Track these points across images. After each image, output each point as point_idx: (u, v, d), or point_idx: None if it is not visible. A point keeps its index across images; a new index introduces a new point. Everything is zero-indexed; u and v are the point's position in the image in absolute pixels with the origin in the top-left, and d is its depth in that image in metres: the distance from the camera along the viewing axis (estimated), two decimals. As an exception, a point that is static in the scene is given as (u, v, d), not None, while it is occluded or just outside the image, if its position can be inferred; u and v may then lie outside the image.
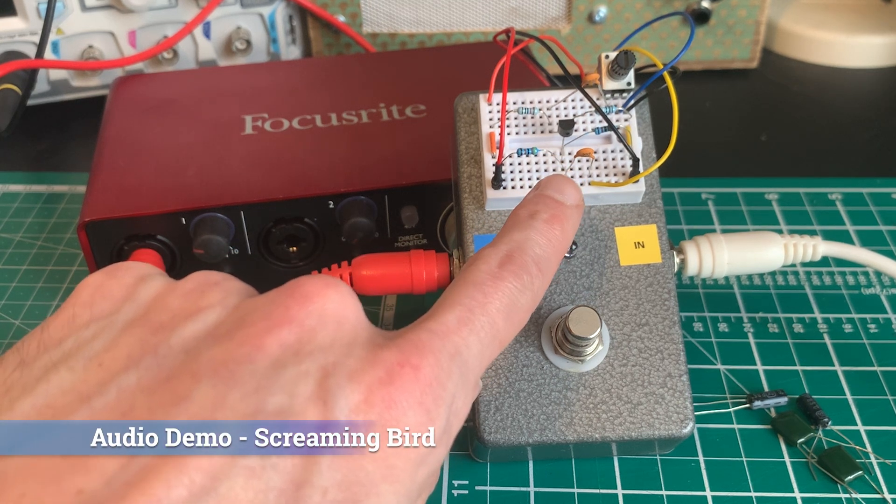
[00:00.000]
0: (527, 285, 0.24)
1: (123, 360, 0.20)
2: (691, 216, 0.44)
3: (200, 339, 0.21)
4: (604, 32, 0.56)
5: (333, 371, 0.20)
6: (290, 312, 0.21)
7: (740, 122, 0.55)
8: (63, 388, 0.20)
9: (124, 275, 0.23)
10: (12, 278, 0.42)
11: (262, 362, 0.20)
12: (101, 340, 0.21)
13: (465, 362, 0.22)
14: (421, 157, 0.39)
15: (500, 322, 0.23)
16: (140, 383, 0.19)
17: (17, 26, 0.51)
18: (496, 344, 0.23)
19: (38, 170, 0.51)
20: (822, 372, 0.35)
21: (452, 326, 0.22)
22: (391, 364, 0.20)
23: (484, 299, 0.23)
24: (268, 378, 0.19)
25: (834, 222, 0.44)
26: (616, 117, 0.32)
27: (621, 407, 0.30)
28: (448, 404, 0.21)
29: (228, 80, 0.47)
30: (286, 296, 0.21)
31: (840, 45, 0.60)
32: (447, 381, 0.21)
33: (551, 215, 0.26)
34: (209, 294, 0.22)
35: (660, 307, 0.31)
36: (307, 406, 0.19)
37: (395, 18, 0.57)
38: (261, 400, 0.19)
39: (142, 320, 0.21)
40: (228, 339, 0.20)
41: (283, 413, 0.19)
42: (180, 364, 0.20)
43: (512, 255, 0.24)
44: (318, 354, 0.20)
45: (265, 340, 0.20)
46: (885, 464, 0.31)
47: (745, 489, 0.31)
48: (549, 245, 0.25)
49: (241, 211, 0.37)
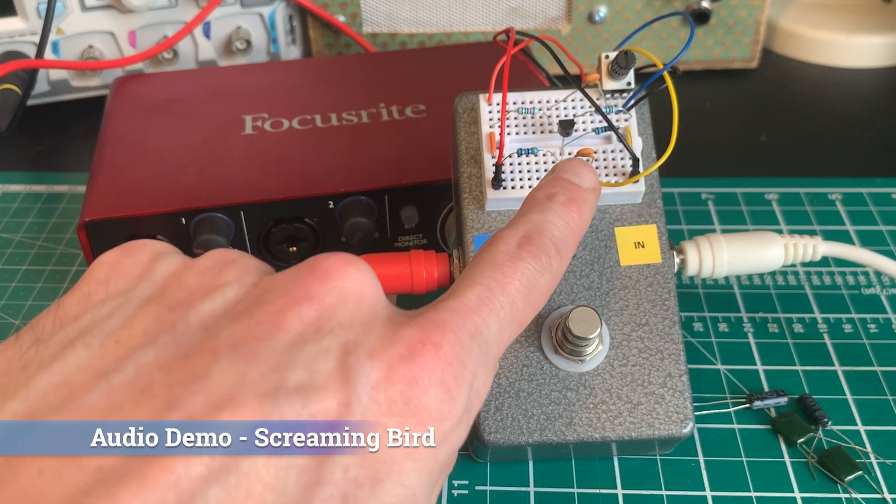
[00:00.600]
0: (545, 267, 0.24)
1: (141, 337, 0.20)
2: (691, 216, 0.44)
3: (219, 316, 0.20)
4: (604, 32, 0.56)
5: (354, 348, 0.20)
6: (310, 290, 0.21)
7: (740, 122, 0.55)
8: (80, 365, 0.19)
9: (140, 252, 0.23)
10: (12, 278, 0.42)
11: (282, 339, 0.20)
12: (117, 317, 0.21)
13: (485, 341, 0.22)
14: (421, 157, 0.39)
15: (519, 302, 0.23)
16: (158, 360, 0.19)
17: (17, 26, 0.51)
18: (515, 324, 0.23)
19: (38, 170, 0.51)
20: (822, 372, 0.35)
21: (473, 305, 0.22)
22: (412, 341, 0.20)
23: (503, 279, 0.23)
24: (288, 355, 0.19)
25: (834, 222, 0.44)
26: (616, 117, 0.32)
27: (621, 407, 0.30)
28: (469, 383, 0.21)
29: (228, 80, 0.47)
30: (306, 273, 0.21)
31: (840, 45, 0.60)
32: (468, 360, 0.21)
33: (569, 198, 0.26)
34: (226, 271, 0.22)
35: (660, 307, 0.31)
36: (328, 383, 0.19)
37: (395, 18, 0.57)
38: (281, 377, 0.19)
39: (158, 298, 0.21)
40: (248, 317, 0.20)
41: (303, 390, 0.19)
42: (199, 341, 0.20)
43: (530, 236, 0.24)
44: (338, 332, 0.20)
45: (285, 318, 0.20)
46: (885, 464, 0.31)
47: (745, 489, 0.31)
48: (566, 227, 0.25)
49: (241, 211, 0.37)
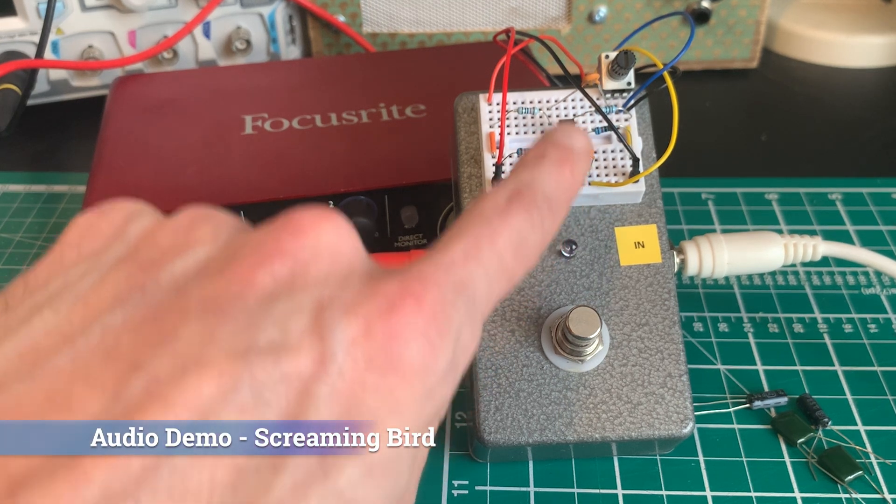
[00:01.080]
0: (536, 222, 0.23)
1: (109, 299, 0.20)
2: (691, 216, 0.44)
3: (190, 275, 0.20)
4: (604, 32, 0.56)
5: (329, 304, 0.19)
6: (283, 245, 0.20)
7: (740, 122, 0.55)
8: (47, 330, 0.19)
9: (114, 213, 0.23)
10: (12, 278, 0.42)
11: (253, 298, 0.19)
12: (87, 280, 0.20)
13: (471, 296, 0.21)
14: (421, 157, 0.39)
15: (508, 257, 0.22)
16: (126, 322, 0.19)
17: (17, 26, 0.51)
18: (505, 279, 0.22)
19: (38, 170, 0.51)
20: (822, 372, 0.35)
21: (458, 259, 0.21)
22: (392, 295, 0.19)
23: (491, 233, 0.22)
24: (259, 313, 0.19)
25: (834, 222, 0.44)
26: (616, 117, 0.32)
27: (621, 407, 0.30)
28: (454, 338, 0.20)
29: (228, 80, 0.47)
30: (278, 229, 0.20)
31: (840, 45, 0.60)
32: (452, 314, 0.20)
33: (560, 157, 0.25)
34: (199, 229, 0.21)
35: (660, 307, 0.31)
36: (302, 340, 0.18)
37: (395, 18, 0.57)
38: (252, 336, 0.18)
39: (130, 258, 0.21)
40: (219, 276, 0.20)
41: (275, 348, 0.18)
42: (168, 302, 0.19)
43: (520, 191, 0.24)
44: (312, 288, 0.19)
45: (256, 275, 0.19)
46: (885, 464, 0.31)
47: (745, 489, 0.31)
48: (558, 185, 0.25)
49: (240, 211, 0.37)
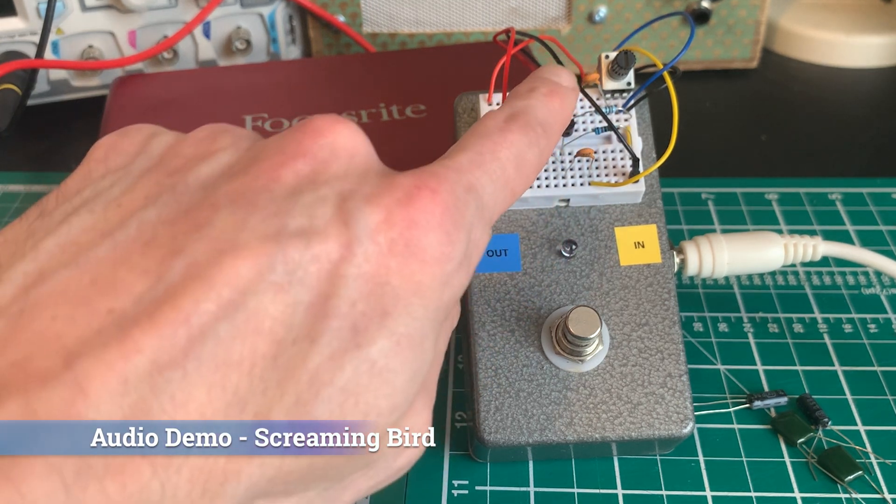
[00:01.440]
0: (533, 140, 0.24)
1: (142, 200, 0.21)
2: (691, 216, 0.44)
3: (216, 176, 0.21)
4: (604, 32, 0.56)
5: (351, 195, 0.20)
6: (303, 146, 0.21)
7: (740, 122, 0.55)
8: (84, 227, 0.20)
9: (136, 133, 0.24)
10: (12, 278, 0.42)
11: (279, 190, 0.20)
12: (118, 187, 0.21)
13: (479, 197, 0.22)
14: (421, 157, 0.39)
15: (510, 169, 0.24)
16: (160, 217, 0.20)
17: (17, 26, 0.51)
18: (508, 191, 0.24)
19: (38, 170, 0.51)
20: (822, 372, 0.35)
21: (465, 166, 0.23)
22: (409, 187, 0.21)
23: (494, 147, 0.23)
24: (287, 203, 0.20)
25: (834, 222, 0.44)
26: (616, 117, 0.32)
27: (621, 407, 0.30)
28: (467, 230, 0.21)
29: (228, 80, 0.47)
30: (298, 132, 0.22)
31: (840, 45, 0.60)
32: (465, 209, 0.21)
33: (549, 90, 0.27)
34: (220, 139, 0.23)
35: (660, 307, 0.31)
36: (328, 226, 0.20)
37: (395, 18, 0.57)
38: (282, 222, 0.19)
39: (157, 167, 0.22)
40: (244, 174, 0.21)
41: (304, 233, 0.19)
42: (199, 198, 0.20)
43: (516, 114, 0.25)
44: (333, 182, 0.21)
45: (280, 172, 0.21)
46: (885, 464, 0.31)
47: (745, 489, 0.31)
48: (549, 112, 0.26)
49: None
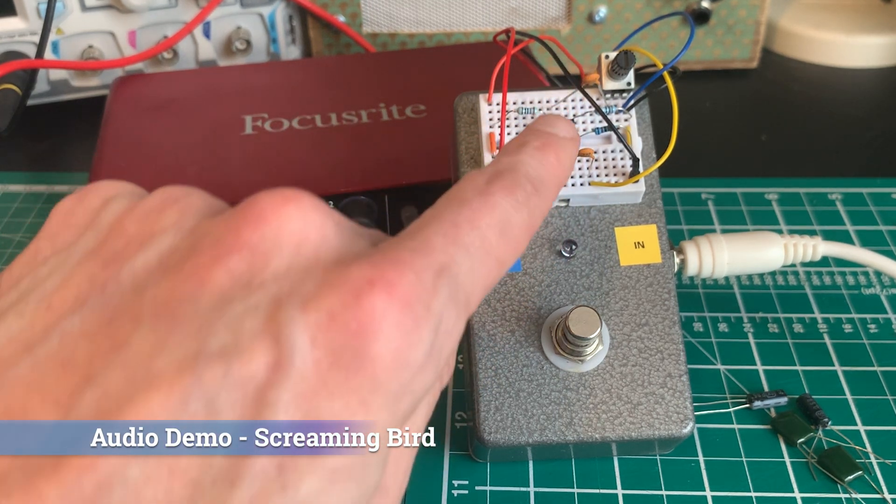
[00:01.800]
0: (521, 201, 0.22)
1: (71, 300, 0.19)
2: (691, 216, 0.44)
3: (150, 270, 0.19)
4: (604, 32, 0.56)
5: (288, 300, 0.18)
6: (242, 237, 0.19)
7: (740, 122, 0.55)
8: (10, 336, 0.19)
9: (92, 198, 0.22)
10: (12, 278, 0.42)
11: (206, 298, 0.18)
12: (54, 279, 0.20)
13: (454, 278, 0.19)
14: (421, 157, 0.39)
15: (492, 238, 0.21)
16: (83, 328, 0.19)
17: (17, 26, 0.51)
18: (492, 261, 0.21)
19: (38, 170, 0.51)
20: (822, 372, 0.35)
21: (436, 243, 0.20)
22: (361, 282, 0.18)
23: (471, 214, 0.21)
24: (212, 316, 0.18)
25: (834, 222, 0.44)
26: (616, 117, 0.32)
27: (621, 407, 0.30)
28: (433, 326, 0.19)
29: (228, 80, 0.47)
30: (239, 217, 0.19)
31: (840, 45, 0.60)
32: (431, 300, 0.19)
33: (543, 143, 0.24)
34: (166, 215, 0.21)
35: (660, 307, 0.31)
36: (254, 344, 0.17)
37: (395, 18, 0.57)
38: (201, 342, 0.17)
39: (97, 251, 0.20)
40: (176, 272, 0.19)
41: (226, 354, 0.17)
42: (125, 304, 0.19)
43: (501, 172, 0.22)
44: (270, 284, 0.18)
45: (212, 273, 0.18)
46: (885, 464, 0.31)
47: (745, 489, 0.31)
48: (542, 167, 0.23)
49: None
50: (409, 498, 0.31)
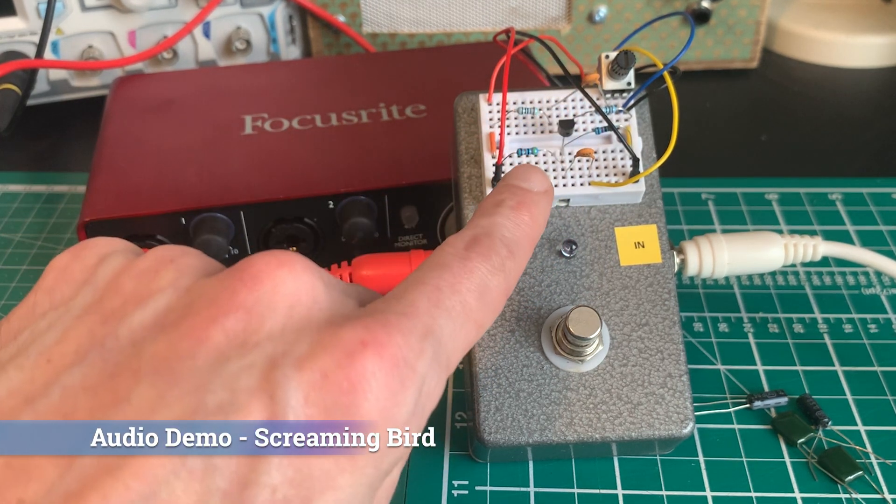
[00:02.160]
0: (497, 266, 0.23)
1: (71, 355, 0.20)
2: (691, 216, 0.44)
3: (148, 328, 0.20)
4: (604, 32, 0.56)
5: (282, 360, 0.19)
6: (238, 298, 0.20)
7: (740, 122, 0.55)
8: (10, 389, 0.20)
9: (88, 254, 0.23)
10: (12, 278, 0.42)
11: (204, 357, 0.19)
12: (53, 333, 0.21)
13: (437, 341, 0.21)
14: (421, 157, 0.39)
15: (472, 302, 0.22)
16: (84, 382, 0.19)
17: (17, 26, 0.51)
18: (471, 325, 0.22)
19: (38, 170, 0.51)
20: (822, 372, 0.35)
21: (422, 307, 0.21)
22: (352, 344, 0.19)
23: (453, 279, 0.22)
24: (209, 374, 0.19)
25: (834, 222, 0.44)
26: (616, 117, 0.32)
27: (621, 407, 0.30)
28: (418, 386, 0.20)
29: (228, 80, 0.47)
30: (235, 278, 0.20)
31: (840, 45, 0.60)
32: (417, 362, 0.20)
33: (518, 202, 0.25)
34: (163, 274, 0.21)
35: (660, 307, 0.31)
36: (250, 401, 0.18)
37: (395, 18, 0.57)
38: (200, 398, 0.18)
39: (95, 307, 0.21)
40: (174, 330, 0.20)
41: (223, 411, 0.18)
42: (125, 360, 0.19)
43: (478, 237, 0.24)
44: (265, 344, 0.19)
45: (209, 332, 0.19)
46: (885, 464, 0.31)
47: (745, 489, 0.31)
48: (517, 229, 0.25)
49: (241, 211, 0.37)
50: (409, 498, 0.31)
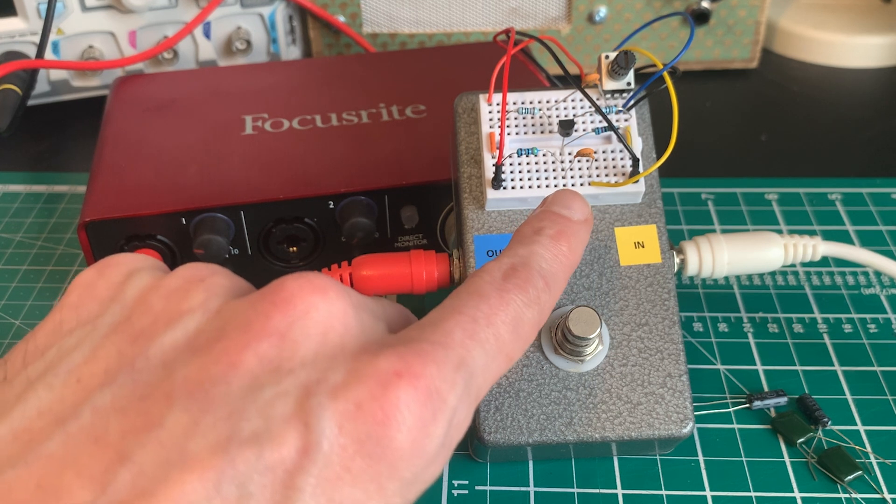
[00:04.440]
0: (533, 299, 0.23)
1: (101, 375, 0.20)
2: (691, 216, 0.44)
3: (179, 349, 0.20)
4: (604, 32, 0.56)
5: (316, 389, 0.19)
6: (271, 323, 0.20)
7: (740, 122, 0.55)
8: (40, 409, 0.19)
9: (113, 272, 0.23)
10: (12, 278, 0.42)
11: (237, 382, 0.19)
12: (81, 351, 0.20)
13: (470, 373, 0.21)
14: (421, 157, 0.39)
15: (506, 335, 0.22)
16: (115, 403, 0.19)
17: (17, 26, 0.51)
18: (502, 357, 0.22)
19: (38, 170, 0.51)
20: (822, 372, 0.35)
21: (457, 337, 0.21)
22: (386, 374, 0.19)
23: (489, 310, 0.22)
24: (243, 400, 0.19)
25: (834, 222, 0.44)
26: (616, 117, 0.32)
27: (621, 407, 0.30)
28: (449, 418, 0.20)
29: (228, 80, 0.47)
30: (268, 302, 0.20)
31: (840, 45, 0.60)
32: (449, 393, 0.20)
33: (558, 231, 0.25)
34: (193, 294, 0.21)
35: (660, 307, 0.31)
36: (285, 429, 0.18)
37: (395, 18, 0.57)
38: (235, 425, 0.18)
39: (123, 326, 0.21)
40: (206, 353, 0.19)
41: (258, 438, 0.18)
42: (156, 381, 0.19)
43: (516, 268, 0.23)
44: (299, 371, 0.19)
45: (242, 356, 0.19)
46: (885, 464, 0.31)
47: (745, 489, 0.31)
48: (555, 260, 0.24)
49: (241, 211, 0.37)
50: (409, 498, 0.31)
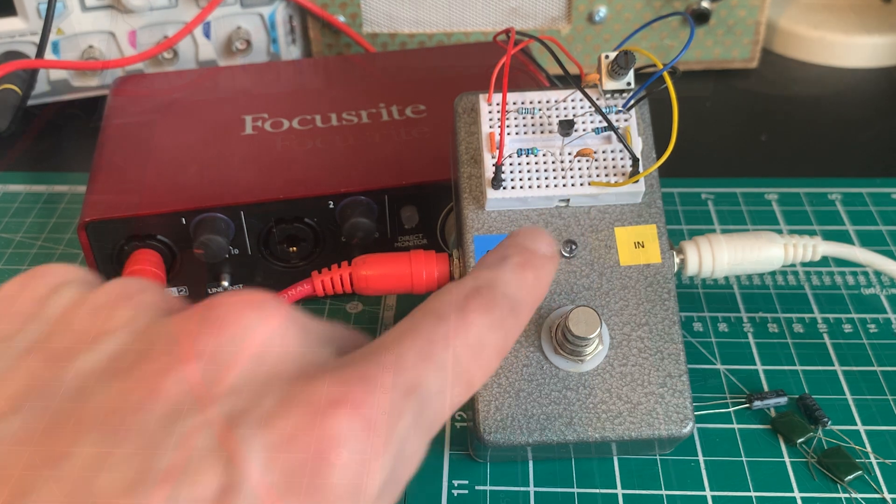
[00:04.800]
0: (496, 322, 0.21)
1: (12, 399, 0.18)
2: (691, 216, 0.44)
3: (98, 373, 0.18)
4: (604, 32, 0.56)
5: (244, 418, 0.17)
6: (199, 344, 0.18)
7: (740, 122, 0.55)
8: None
9: (38, 284, 0.21)
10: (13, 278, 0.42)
11: (156, 410, 0.17)
12: None
13: (422, 401, 0.19)
14: (421, 157, 0.39)
15: (465, 360, 0.20)
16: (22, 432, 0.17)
17: (17, 26, 0.51)
18: (461, 385, 0.20)
19: (38, 170, 0.51)
20: (822, 372, 0.35)
21: (410, 360, 0.19)
22: (324, 401, 0.17)
23: (447, 332, 0.20)
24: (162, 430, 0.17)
25: (834, 222, 0.44)
26: (616, 117, 0.32)
27: (621, 407, 0.30)
28: (395, 451, 0.18)
29: (228, 80, 0.47)
30: (198, 321, 0.18)
31: (840, 45, 0.60)
32: (396, 422, 0.18)
33: (523, 260, 0.23)
34: (119, 311, 0.20)
35: (660, 307, 0.31)
36: (205, 464, 0.16)
37: (395, 18, 0.57)
38: (149, 458, 0.16)
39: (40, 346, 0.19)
40: (126, 377, 0.18)
41: (173, 475, 0.16)
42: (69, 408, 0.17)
43: (480, 289, 0.21)
44: (226, 398, 0.17)
45: (163, 382, 0.17)
46: (885, 464, 0.31)
47: (745, 489, 0.31)
48: (521, 288, 0.22)
49: (241, 211, 0.37)
50: (409, 498, 0.31)
